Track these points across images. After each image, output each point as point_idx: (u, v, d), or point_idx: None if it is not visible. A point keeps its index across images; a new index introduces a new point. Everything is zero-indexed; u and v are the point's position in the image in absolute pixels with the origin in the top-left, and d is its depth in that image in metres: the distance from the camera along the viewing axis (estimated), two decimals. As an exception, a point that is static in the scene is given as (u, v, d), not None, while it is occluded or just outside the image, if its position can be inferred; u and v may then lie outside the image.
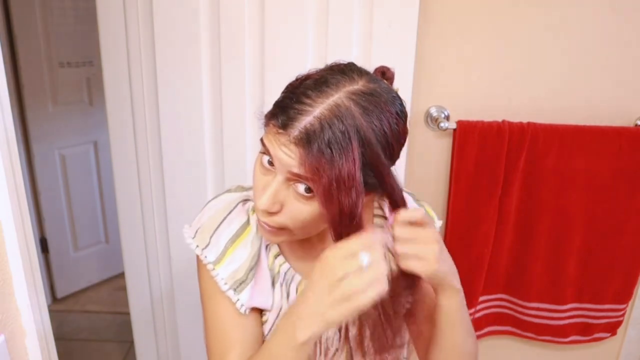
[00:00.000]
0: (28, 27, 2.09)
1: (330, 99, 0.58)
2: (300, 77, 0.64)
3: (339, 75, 0.61)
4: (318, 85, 0.60)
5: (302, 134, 0.57)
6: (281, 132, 0.59)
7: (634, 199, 1.21)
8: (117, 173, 1.32)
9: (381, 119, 0.60)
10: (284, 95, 0.63)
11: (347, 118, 0.57)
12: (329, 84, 0.60)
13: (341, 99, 0.58)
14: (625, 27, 1.14)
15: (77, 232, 2.48)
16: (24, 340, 0.68)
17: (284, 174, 0.62)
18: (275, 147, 0.61)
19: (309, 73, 0.64)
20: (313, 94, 0.59)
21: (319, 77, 0.61)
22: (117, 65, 1.22)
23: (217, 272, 0.73)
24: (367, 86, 0.61)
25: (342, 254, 0.57)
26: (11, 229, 0.63)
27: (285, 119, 0.59)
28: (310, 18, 1.11)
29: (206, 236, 0.74)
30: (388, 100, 0.62)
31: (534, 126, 1.16)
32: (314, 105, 0.58)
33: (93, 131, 2.43)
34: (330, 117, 0.57)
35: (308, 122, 0.58)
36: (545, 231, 1.23)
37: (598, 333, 1.35)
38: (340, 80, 0.60)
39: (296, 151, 0.59)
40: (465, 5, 1.14)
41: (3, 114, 0.61)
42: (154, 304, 1.42)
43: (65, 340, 2.21)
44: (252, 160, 1.24)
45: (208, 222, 0.75)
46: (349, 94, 0.59)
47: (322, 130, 0.57)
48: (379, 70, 0.69)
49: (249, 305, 0.74)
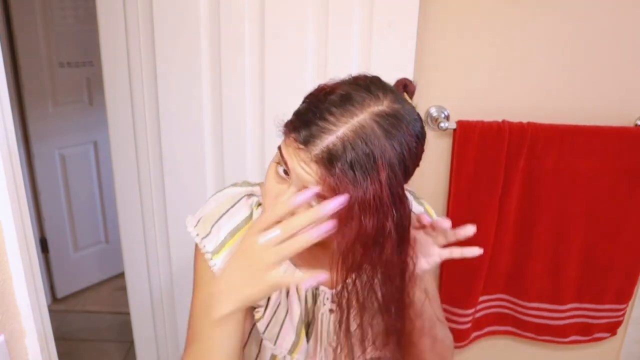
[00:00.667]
0: (28, 27, 2.09)
1: (354, 119, 0.57)
2: (323, 88, 0.63)
3: (364, 92, 0.60)
4: (343, 103, 0.59)
5: (324, 153, 0.57)
6: (302, 147, 0.58)
7: (634, 199, 1.21)
8: (117, 173, 1.32)
9: (402, 143, 0.59)
10: (307, 108, 0.61)
11: (371, 140, 0.57)
12: (354, 103, 0.58)
13: (366, 120, 0.57)
14: (625, 27, 1.14)
15: (77, 232, 2.48)
16: (24, 340, 0.68)
17: (299, 186, 0.62)
18: (294, 161, 0.60)
19: (332, 85, 0.62)
20: (337, 112, 0.58)
21: (345, 93, 0.60)
22: (117, 65, 1.22)
23: (214, 262, 0.74)
24: (391, 107, 0.60)
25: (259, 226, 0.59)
26: (11, 229, 0.63)
27: (307, 135, 0.58)
28: (310, 18, 1.11)
29: (207, 226, 0.75)
30: (410, 123, 0.61)
31: (534, 126, 1.16)
32: (337, 124, 0.57)
33: (93, 131, 2.43)
34: (354, 139, 0.56)
35: (331, 142, 0.56)
36: (545, 231, 1.23)
37: (598, 333, 1.35)
38: (365, 99, 0.59)
39: (316, 169, 0.58)
40: (465, 5, 1.14)
41: (3, 114, 0.61)
42: (154, 304, 1.42)
43: (65, 340, 2.21)
44: (252, 160, 1.24)
45: (211, 212, 0.76)
46: (374, 115, 0.58)
47: (345, 151, 0.56)
48: (400, 83, 0.68)
49: None
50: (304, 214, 0.58)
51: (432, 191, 1.28)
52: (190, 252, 0.78)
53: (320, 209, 0.57)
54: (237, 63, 1.16)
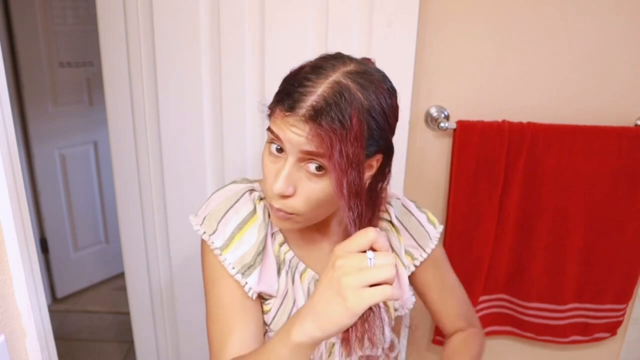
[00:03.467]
0: (28, 27, 2.09)
1: (329, 78, 0.63)
2: (295, 69, 0.68)
3: (332, 60, 0.66)
4: (315, 70, 0.64)
5: (310, 111, 0.61)
6: (289, 114, 0.63)
7: (634, 199, 1.20)
8: (117, 173, 1.32)
9: (377, 94, 0.65)
10: (285, 84, 0.67)
11: (348, 93, 0.62)
12: (325, 67, 0.64)
13: (339, 77, 0.63)
14: (625, 27, 1.14)
15: (77, 232, 2.48)
16: (24, 341, 0.68)
17: (295, 154, 0.64)
18: (284, 130, 0.64)
19: (302, 64, 0.68)
20: (313, 77, 0.63)
21: (314, 64, 0.66)
22: (117, 65, 1.22)
23: (224, 257, 0.75)
24: (358, 67, 0.66)
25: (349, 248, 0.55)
26: (11, 229, 0.63)
27: (291, 102, 0.63)
28: (310, 18, 1.11)
29: (213, 223, 0.76)
30: (379, 79, 0.67)
31: (534, 126, 1.16)
32: (315, 86, 0.62)
33: (93, 131, 2.43)
34: (333, 94, 0.61)
35: (313, 100, 0.61)
36: (545, 231, 1.23)
37: (598, 333, 1.34)
38: (335, 64, 0.65)
39: (305, 128, 0.62)
40: (465, 6, 1.14)
41: (3, 114, 0.61)
42: (154, 304, 1.42)
43: (65, 340, 2.21)
44: (252, 160, 1.24)
45: (215, 209, 0.77)
46: (345, 73, 0.64)
47: (328, 105, 0.61)
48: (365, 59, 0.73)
49: (257, 289, 0.75)
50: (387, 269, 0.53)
51: (432, 191, 1.28)
52: (191, 252, 0.78)
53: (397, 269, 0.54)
54: (237, 63, 1.16)
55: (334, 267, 0.54)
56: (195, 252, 1.31)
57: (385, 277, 0.52)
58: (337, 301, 0.53)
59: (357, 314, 0.52)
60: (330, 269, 0.55)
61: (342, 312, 0.53)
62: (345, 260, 0.54)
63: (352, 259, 0.54)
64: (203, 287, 0.79)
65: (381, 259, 0.53)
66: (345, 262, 0.54)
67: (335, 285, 0.53)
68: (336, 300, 0.53)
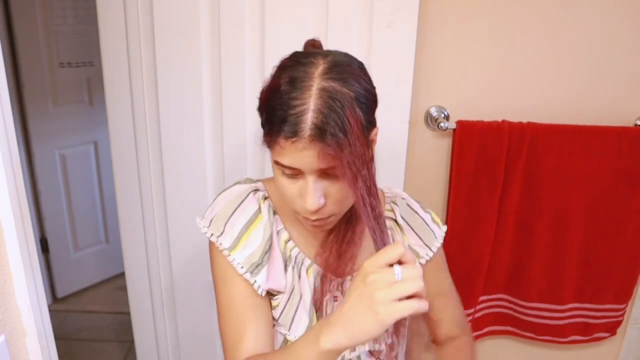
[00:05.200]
0: (28, 27, 2.09)
1: (312, 88, 0.62)
2: (268, 89, 0.67)
3: (301, 67, 0.65)
4: (294, 85, 0.63)
5: (313, 129, 0.61)
6: (295, 139, 0.62)
7: (634, 199, 1.21)
8: (117, 173, 1.32)
9: (355, 78, 0.65)
10: (271, 111, 0.65)
11: (336, 94, 0.61)
12: (302, 78, 0.63)
13: (320, 83, 0.62)
14: (625, 27, 1.14)
15: (77, 232, 2.48)
16: (24, 340, 0.68)
17: (312, 173, 0.65)
18: (295, 157, 0.63)
19: (271, 84, 0.67)
20: (297, 94, 0.62)
21: (288, 79, 0.64)
22: (117, 65, 1.22)
23: (233, 258, 0.76)
24: (328, 61, 0.65)
25: (379, 263, 0.57)
26: (11, 229, 0.63)
27: (291, 127, 0.62)
28: (310, 18, 1.11)
29: (220, 224, 0.77)
30: (350, 63, 0.67)
31: (534, 126, 1.16)
32: (305, 102, 0.62)
33: (93, 131, 2.43)
34: (324, 103, 0.61)
35: (312, 117, 0.61)
36: (545, 231, 1.23)
37: (598, 333, 1.35)
38: (307, 71, 0.64)
39: (315, 148, 0.61)
40: (465, 6, 1.14)
41: (3, 114, 0.61)
42: (154, 304, 1.42)
43: (66, 340, 2.21)
44: (252, 161, 1.24)
45: (222, 211, 0.78)
46: (322, 75, 0.63)
47: (326, 117, 0.60)
48: (310, 44, 0.75)
49: (266, 287, 0.77)
50: (415, 281, 0.55)
51: (432, 191, 1.28)
52: (191, 252, 0.79)
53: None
54: (237, 64, 1.16)
55: (366, 282, 0.56)
56: (196, 252, 1.31)
57: (414, 290, 0.54)
58: (369, 314, 0.55)
59: (387, 325, 0.55)
60: (361, 283, 0.57)
61: (373, 324, 0.55)
62: (376, 275, 0.56)
63: (383, 274, 0.56)
64: (213, 287, 0.81)
65: (409, 271, 0.55)
66: (376, 277, 0.56)
67: (367, 300, 0.55)
68: (368, 313, 0.55)
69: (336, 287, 0.81)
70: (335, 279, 0.81)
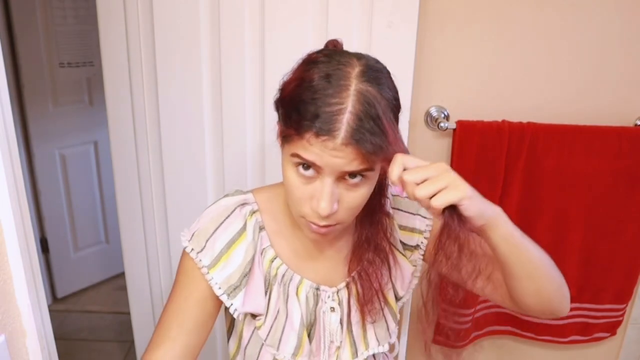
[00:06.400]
0: (28, 27, 2.09)
1: (350, 89, 0.60)
2: (297, 83, 0.64)
3: (337, 65, 0.63)
4: (331, 82, 0.61)
5: (349, 132, 0.59)
6: (327, 137, 0.60)
7: (634, 199, 1.21)
8: (117, 173, 1.32)
9: (387, 83, 0.64)
10: (303, 104, 0.62)
11: (373, 99, 0.60)
12: (339, 76, 0.61)
13: (358, 85, 0.61)
14: (625, 27, 1.14)
15: (77, 232, 2.48)
16: (24, 340, 0.68)
17: (334, 174, 0.63)
18: (322, 155, 0.61)
19: (301, 76, 0.64)
20: (335, 92, 0.60)
21: (323, 74, 0.62)
22: (117, 65, 1.22)
23: (211, 277, 0.74)
24: (363, 64, 0.63)
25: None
26: (11, 229, 0.63)
27: (325, 124, 0.60)
28: (310, 19, 1.11)
29: (202, 240, 0.75)
30: (382, 68, 0.66)
31: (534, 126, 1.16)
32: (342, 102, 0.60)
33: (93, 131, 2.43)
34: (361, 107, 0.60)
35: (348, 120, 0.59)
36: (545, 231, 1.23)
37: (598, 333, 1.35)
38: (342, 70, 0.62)
39: (348, 151, 0.60)
40: (465, 6, 1.14)
41: (3, 114, 0.61)
42: (154, 304, 1.42)
43: (66, 340, 2.21)
44: (252, 161, 1.23)
45: (205, 226, 0.76)
46: (359, 77, 0.61)
47: (361, 121, 0.59)
48: (331, 44, 0.72)
49: (242, 310, 0.75)
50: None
51: (432, 191, 1.28)
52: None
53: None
54: (237, 65, 1.16)
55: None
56: (195, 252, 1.31)
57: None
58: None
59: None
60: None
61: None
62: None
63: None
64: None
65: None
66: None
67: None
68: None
69: (331, 298, 0.80)
70: (329, 290, 0.80)
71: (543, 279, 0.70)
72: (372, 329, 0.82)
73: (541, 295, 0.71)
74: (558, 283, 0.73)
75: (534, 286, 0.70)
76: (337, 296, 0.80)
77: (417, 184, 0.60)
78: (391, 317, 0.83)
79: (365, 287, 0.78)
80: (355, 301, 0.81)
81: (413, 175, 0.60)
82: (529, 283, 0.70)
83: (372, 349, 0.82)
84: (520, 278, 0.69)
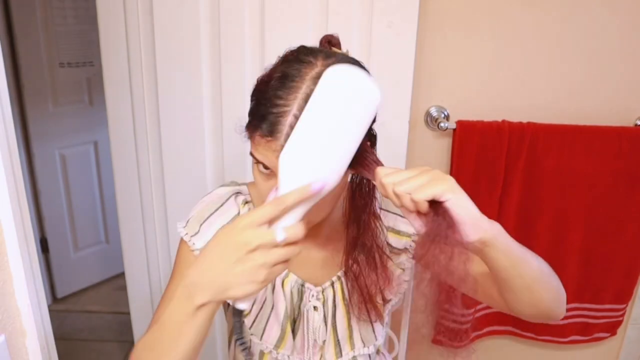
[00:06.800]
0: (28, 27, 2.09)
1: (299, 91, 0.59)
2: (262, 79, 0.65)
3: (296, 64, 0.62)
4: (283, 83, 0.60)
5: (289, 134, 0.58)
6: (270, 139, 0.60)
7: (634, 199, 1.21)
8: (117, 173, 1.32)
9: None
10: (256, 103, 0.63)
11: None
12: (292, 78, 0.60)
13: (309, 87, 0.59)
14: (625, 27, 1.14)
15: (77, 232, 2.48)
16: (24, 340, 0.68)
17: None
18: (268, 156, 0.61)
19: (268, 73, 0.64)
20: (283, 93, 0.59)
21: (280, 74, 0.62)
22: (117, 65, 1.22)
23: None
24: (326, 64, 0.61)
25: (256, 220, 0.53)
26: (11, 229, 0.63)
27: (268, 126, 0.60)
28: (310, 19, 1.11)
29: (196, 225, 0.77)
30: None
31: (534, 126, 1.16)
32: (288, 104, 0.59)
33: (93, 131, 2.43)
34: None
35: (291, 122, 0.58)
36: (545, 231, 1.23)
37: (598, 333, 1.35)
38: (300, 70, 0.61)
39: None
40: (466, 6, 1.14)
41: (3, 114, 0.61)
42: (154, 304, 1.42)
43: (66, 340, 2.21)
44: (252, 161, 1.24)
45: (200, 212, 0.78)
46: (314, 80, 0.59)
47: None
48: (325, 40, 0.70)
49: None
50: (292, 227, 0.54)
51: (432, 191, 1.28)
52: (191, 251, 0.78)
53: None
54: (238, 65, 1.16)
55: (243, 240, 0.54)
56: (195, 252, 1.31)
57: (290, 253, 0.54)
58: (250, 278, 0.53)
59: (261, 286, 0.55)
60: (229, 238, 0.55)
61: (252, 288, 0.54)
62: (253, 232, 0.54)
63: (263, 234, 0.53)
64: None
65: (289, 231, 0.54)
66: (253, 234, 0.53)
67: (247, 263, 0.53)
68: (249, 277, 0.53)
69: (315, 297, 0.79)
70: (314, 288, 0.79)
71: (541, 290, 0.70)
72: (358, 330, 0.82)
73: (538, 305, 0.71)
74: (556, 291, 0.72)
75: (532, 297, 0.69)
76: (322, 295, 0.80)
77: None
78: (378, 319, 0.82)
79: (351, 287, 0.78)
80: (341, 301, 0.80)
81: (393, 177, 0.57)
82: (527, 294, 0.69)
83: (357, 349, 0.82)
84: (518, 291, 0.68)
